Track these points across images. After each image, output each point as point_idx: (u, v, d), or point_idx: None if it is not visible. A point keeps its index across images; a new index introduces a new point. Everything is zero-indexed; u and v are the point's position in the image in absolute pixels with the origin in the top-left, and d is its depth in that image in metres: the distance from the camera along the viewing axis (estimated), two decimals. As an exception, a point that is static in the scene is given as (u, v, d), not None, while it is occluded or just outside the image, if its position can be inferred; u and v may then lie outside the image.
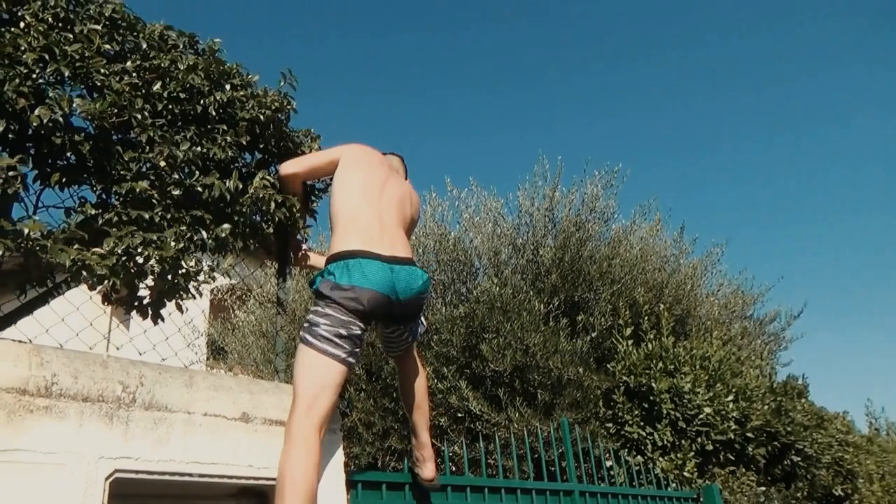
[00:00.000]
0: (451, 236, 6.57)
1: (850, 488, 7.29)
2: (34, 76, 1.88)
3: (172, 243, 1.99)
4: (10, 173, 1.74)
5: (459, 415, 5.45)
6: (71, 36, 2.03)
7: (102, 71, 2.05)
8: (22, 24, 1.95)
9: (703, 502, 4.71)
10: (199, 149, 2.22)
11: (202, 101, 2.30)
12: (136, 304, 2.14)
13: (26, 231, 1.77)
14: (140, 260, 1.93)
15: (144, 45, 2.22)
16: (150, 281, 2.06)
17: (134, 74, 2.14)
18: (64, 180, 1.97)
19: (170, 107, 2.23)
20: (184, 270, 2.05)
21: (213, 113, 2.32)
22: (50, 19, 2.00)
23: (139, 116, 2.07)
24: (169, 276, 2.01)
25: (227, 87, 2.39)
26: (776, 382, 7.09)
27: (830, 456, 6.81)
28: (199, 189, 2.19)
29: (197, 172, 2.19)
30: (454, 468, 5.08)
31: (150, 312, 2.18)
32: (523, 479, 3.50)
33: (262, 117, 2.46)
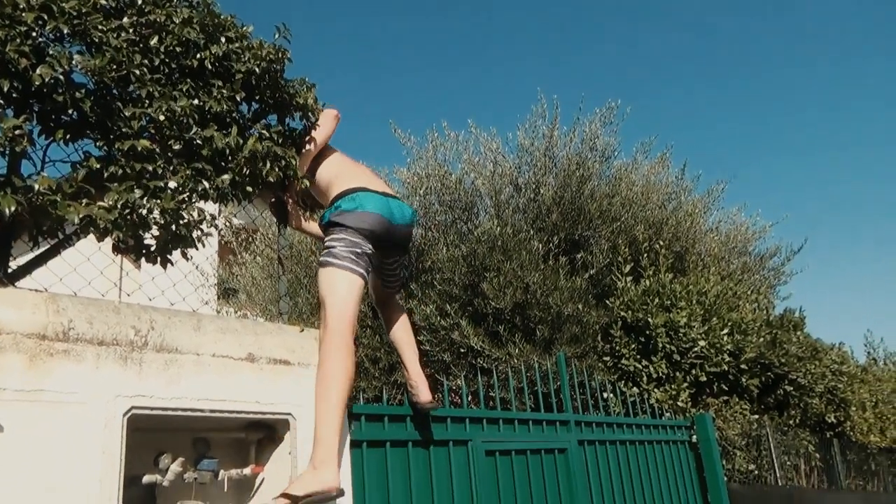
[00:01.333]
0: (453, 177, 6.62)
1: (843, 416, 7.52)
2: (34, 34, 1.94)
3: (172, 193, 2.09)
4: (17, 132, 1.82)
5: (461, 350, 5.64)
6: (67, -7, 2.07)
7: (100, 27, 2.09)
8: (20, -17, 1.99)
9: (696, 430, 4.91)
10: (195, 102, 2.28)
11: (198, 55, 2.35)
12: (143, 252, 2.25)
13: (37, 187, 1.86)
14: (143, 212, 2.03)
15: (140, 1, 2.26)
16: (154, 231, 2.16)
17: (131, 30, 2.19)
18: (68, 136, 2.06)
19: (167, 61, 2.28)
20: (185, 220, 2.15)
21: (210, 66, 2.37)
22: (46, -23, 2.04)
23: (137, 72, 2.13)
24: (172, 227, 2.11)
25: (223, 39, 2.43)
26: (773, 316, 7.24)
27: (824, 385, 7.00)
28: (199, 142, 2.26)
29: (194, 127, 2.25)
30: (458, 400, 5.29)
31: (157, 259, 2.30)
32: (521, 411, 3.67)
33: (257, 69, 2.51)
